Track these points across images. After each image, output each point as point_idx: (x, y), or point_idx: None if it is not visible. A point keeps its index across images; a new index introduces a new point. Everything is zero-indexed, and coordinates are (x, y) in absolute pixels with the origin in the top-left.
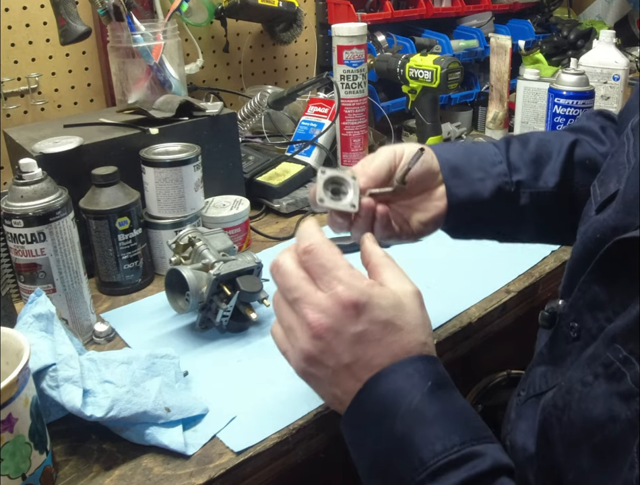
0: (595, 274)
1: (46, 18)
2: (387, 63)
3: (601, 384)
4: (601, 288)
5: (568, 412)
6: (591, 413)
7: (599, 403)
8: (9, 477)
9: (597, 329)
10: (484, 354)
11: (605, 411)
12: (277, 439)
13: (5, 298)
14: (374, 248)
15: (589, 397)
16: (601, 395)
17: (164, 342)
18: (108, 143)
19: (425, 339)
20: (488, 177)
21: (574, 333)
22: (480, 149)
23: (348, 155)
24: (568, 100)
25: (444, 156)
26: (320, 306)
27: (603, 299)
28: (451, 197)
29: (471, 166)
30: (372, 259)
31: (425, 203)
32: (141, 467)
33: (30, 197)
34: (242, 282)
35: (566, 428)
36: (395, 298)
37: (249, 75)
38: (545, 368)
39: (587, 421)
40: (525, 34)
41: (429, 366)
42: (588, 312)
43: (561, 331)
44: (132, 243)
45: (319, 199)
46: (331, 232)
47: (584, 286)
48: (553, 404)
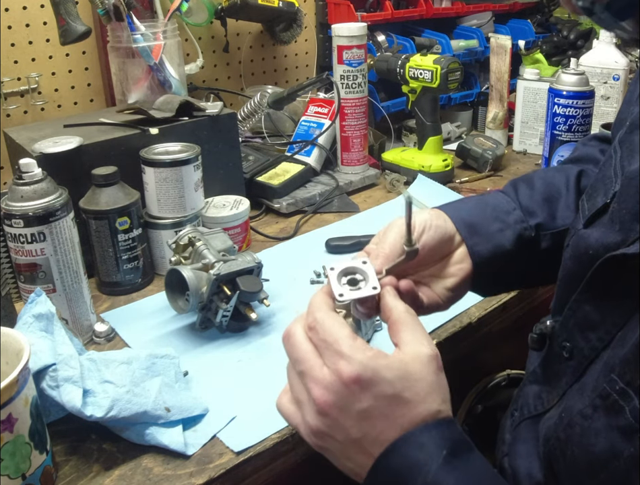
0: (586, 293)
1: (46, 18)
2: (387, 63)
3: (600, 418)
4: (593, 307)
5: (572, 447)
6: (594, 449)
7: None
8: (9, 477)
9: (589, 349)
10: (484, 354)
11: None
12: (277, 439)
13: (5, 298)
14: (395, 303)
15: (591, 432)
16: (602, 429)
17: (164, 342)
18: (108, 143)
19: (438, 406)
20: (507, 227)
21: (567, 353)
22: (490, 200)
23: (348, 155)
24: (568, 100)
25: (458, 215)
26: (324, 381)
27: (595, 318)
28: (474, 256)
29: (487, 219)
30: (393, 314)
31: (447, 269)
32: (141, 467)
33: (30, 197)
34: (242, 282)
35: (571, 463)
36: (403, 367)
37: (249, 75)
38: (539, 387)
39: (591, 457)
40: (525, 34)
41: (443, 432)
42: (579, 332)
43: (553, 351)
44: (132, 243)
45: (339, 295)
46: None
47: (575, 305)
48: (556, 437)
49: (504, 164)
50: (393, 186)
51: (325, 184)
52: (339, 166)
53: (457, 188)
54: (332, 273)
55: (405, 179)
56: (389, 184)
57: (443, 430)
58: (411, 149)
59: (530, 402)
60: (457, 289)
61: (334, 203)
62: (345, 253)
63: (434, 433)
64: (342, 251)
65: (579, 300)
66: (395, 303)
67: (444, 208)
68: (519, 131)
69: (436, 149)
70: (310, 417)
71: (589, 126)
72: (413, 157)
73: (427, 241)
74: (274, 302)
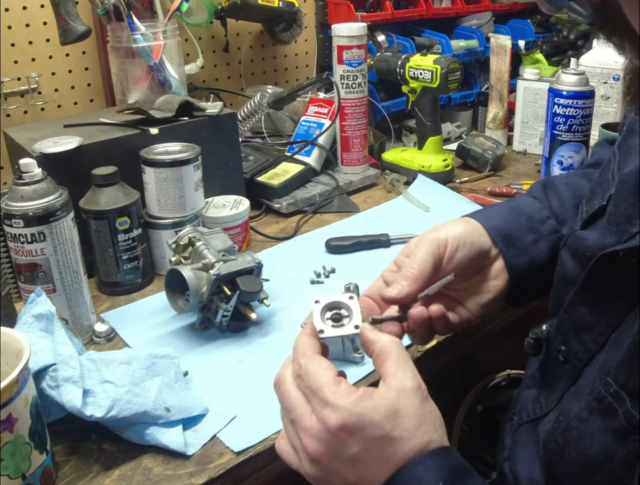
0: (581, 295)
1: (46, 18)
2: (387, 63)
3: (596, 421)
4: (587, 309)
5: (569, 451)
6: (589, 452)
7: (595, 441)
8: (9, 477)
9: (583, 352)
10: (484, 354)
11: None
12: None
13: (5, 298)
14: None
15: (586, 435)
16: (597, 432)
17: (164, 342)
18: (108, 143)
19: (429, 437)
20: (541, 238)
21: (562, 356)
22: (524, 207)
23: (348, 155)
24: (568, 100)
25: (492, 225)
26: (312, 430)
27: (589, 320)
28: (511, 269)
29: (522, 229)
30: (377, 347)
31: (482, 285)
32: (141, 467)
33: (30, 197)
34: (242, 282)
35: (569, 466)
36: (389, 406)
37: (249, 75)
38: (537, 391)
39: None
40: (525, 34)
41: (438, 462)
42: (574, 335)
43: (550, 355)
44: (132, 243)
45: (319, 331)
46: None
47: (570, 307)
48: (555, 440)
49: (504, 164)
50: (393, 186)
51: (325, 184)
52: (339, 166)
53: (457, 188)
54: (316, 306)
55: (405, 179)
56: (389, 184)
57: (438, 460)
58: (411, 149)
59: (529, 406)
60: (490, 305)
61: (334, 203)
62: (345, 253)
63: (429, 464)
64: (342, 251)
65: (574, 301)
66: (377, 336)
67: (478, 217)
68: (519, 131)
69: (436, 149)
70: (305, 464)
71: (589, 127)
72: (413, 157)
73: (461, 260)
74: (274, 302)
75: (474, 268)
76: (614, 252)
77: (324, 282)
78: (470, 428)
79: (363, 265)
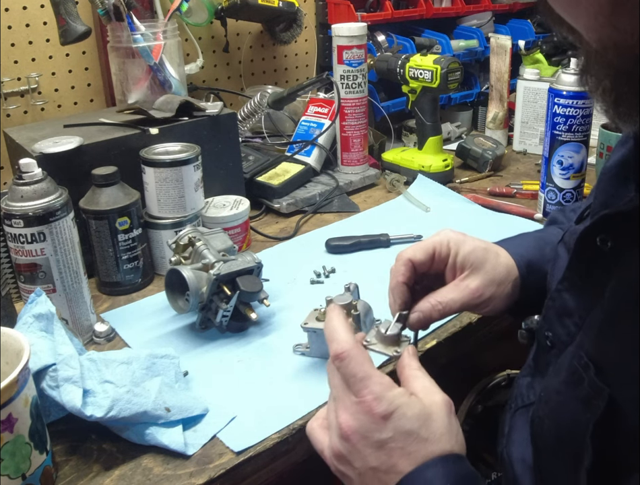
0: (566, 282)
1: (46, 18)
2: (387, 63)
3: (568, 391)
4: (570, 295)
5: (547, 421)
6: (561, 420)
7: (566, 410)
8: (9, 477)
9: (566, 335)
10: (484, 354)
11: (570, 416)
12: (277, 439)
13: (5, 298)
14: (410, 361)
15: (560, 405)
16: (569, 400)
17: (164, 342)
18: (108, 143)
19: (450, 448)
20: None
21: (550, 342)
22: (549, 236)
23: (348, 155)
24: (568, 99)
25: (518, 252)
26: (351, 409)
27: (571, 305)
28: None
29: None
30: (405, 370)
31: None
32: (141, 467)
33: (30, 197)
34: (242, 282)
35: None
36: (422, 408)
37: (249, 75)
38: (531, 379)
39: (559, 427)
40: (525, 34)
41: (448, 467)
42: (558, 320)
43: (540, 344)
44: (132, 243)
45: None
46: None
47: (555, 294)
48: (538, 415)
49: (504, 164)
50: (393, 186)
51: (325, 184)
52: (339, 166)
53: (457, 188)
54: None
55: (405, 179)
56: (389, 184)
57: (448, 466)
58: (411, 149)
59: (523, 392)
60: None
61: (334, 203)
62: (345, 253)
63: (439, 468)
64: (342, 251)
65: (559, 289)
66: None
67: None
68: (519, 131)
69: (436, 149)
70: (334, 440)
71: (589, 127)
72: (413, 157)
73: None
74: (274, 302)
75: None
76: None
77: (324, 282)
78: (470, 428)
79: (363, 265)
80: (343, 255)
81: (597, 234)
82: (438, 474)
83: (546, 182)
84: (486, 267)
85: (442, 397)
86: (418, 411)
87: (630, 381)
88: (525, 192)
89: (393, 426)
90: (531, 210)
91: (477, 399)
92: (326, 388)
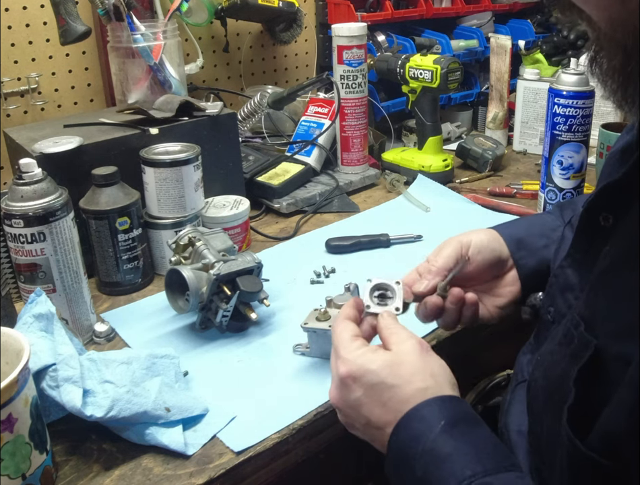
0: (569, 258)
1: (46, 18)
2: (387, 63)
3: (561, 351)
4: (573, 270)
5: (541, 381)
6: (552, 377)
7: (558, 367)
8: (9, 477)
9: (566, 308)
10: (484, 354)
11: (561, 371)
12: (277, 439)
13: (5, 298)
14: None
15: (553, 364)
16: (560, 359)
17: (164, 342)
18: (108, 143)
19: (425, 384)
20: (551, 242)
21: (551, 317)
22: (539, 219)
23: (348, 155)
24: (568, 99)
25: (507, 232)
26: (334, 379)
27: (573, 281)
28: (521, 269)
29: (534, 235)
30: (384, 331)
31: (498, 289)
32: (141, 467)
33: (30, 197)
34: (242, 282)
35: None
36: (387, 359)
37: (249, 75)
38: (531, 355)
39: (550, 383)
40: (525, 34)
41: (443, 405)
42: (560, 295)
43: (542, 320)
44: (132, 243)
45: (366, 306)
46: None
47: (558, 271)
48: (533, 378)
49: (504, 164)
50: (393, 186)
51: (325, 184)
52: (339, 166)
53: (457, 188)
54: (367, 284)
55: (405, 179)
56: (389, 184)
57: (443, 404)
58: (411, 149)
59: (524, 368)
60: (506, 308)
61: (334, 203)
62: (345, 253)
63: (434, 406)
64: (342, 251)
65: (562, 265)
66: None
67: (497, 228)
68: (519, 131)
69: (436, 149)
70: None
71: (589, 127)
72: (413, 157)
73: (481, 262)
74: (274, 302)
75: (492, 272)
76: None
77: (324, 282)
78: None
79: (363, 265)
80: (343, 255)
81: (600, 211)
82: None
83: (546, 182)
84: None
85: (413, 342)
86: (382, 362)
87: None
88: (525, 192)
89: (360, 384)
90: (531, 210)
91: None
92: (326, 388)
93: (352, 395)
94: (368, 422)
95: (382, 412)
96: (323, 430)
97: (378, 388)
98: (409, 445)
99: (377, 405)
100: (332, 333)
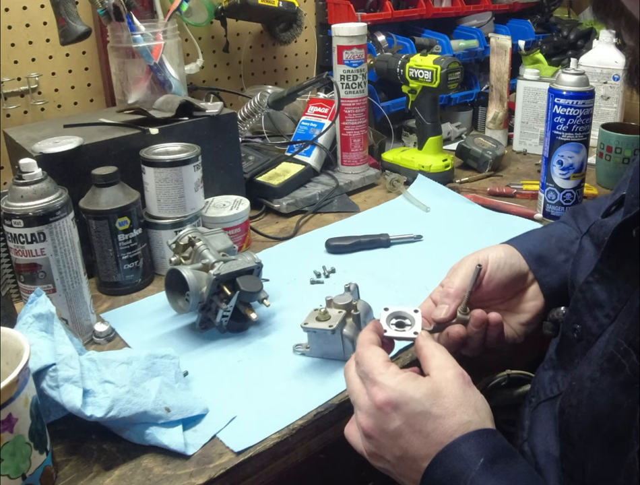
0: (597, 273)
1: (46, 18)
2: (387, 63)
3: (606, 378)
4: (601, 287)
5: (582, 409)
6: (598, 406)
7: (604, 396)
8: (9, 477)
9: (597, 327)
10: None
11: (609, 401)
12: (277, 439)
13: (5, 298)
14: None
15: (597, 391)
16: (606, 387)
17: (164, 342)
18: (108, 143)
19: (469, 418)
20: (571, 256)
21: (577, 334)
22: (554, 230)
23: (348, 155)
24: (568, 100)
25: (524, 247)
26: (365, 407)
27: (602, 297)
28: (544, 287)
29: (552, 249)
30: (423, 351)
31: (521, 305)
32: (141, 467)
33: (30, 197)
34: (242, 282)
35: (581, 423)
36: (430, 387)
37: (249, 75)
38: (554, 372)
39: (596, 413)
40: (525, 34)
41: (481, 441)
42: (588, 312)
43: (565, 336)
44: (132, 243)
45: (384, 330)
46: None
47: (585, 287)
48: (569, 404)
49: (504, 164)
50: (393, 186)
51: (325, 184)
52: (339, 166)
53: (457, 188)
54: (384, 313)
55: (405, 179)
56: (389, 184)
57: (482, 439)
58: (411, 149)
59: (546, 386)
60: (530, 324)
61: (334, 203)
62: (345, 253)
63: (472, 442)
64: (342, 251)
65: (589, 281)
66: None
67: (513, 243)
68: (519, 131)
69: (436, 149)
70: (362, 441)
71: (589, 127)
72: (413, 157)
73: (501, 279)
74: (274, 302)
75: (513, 289)
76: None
77: (324, 282)
78: None
79: (363, 265)
80: (343, 255)
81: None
82: (471, 448)
83: (546, 182)
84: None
85: (455, 372)
86: (426, 390)
87: None
88: (525, 192)
89: (402, 412)
90: (531, 210)
91: None
92: (326, 388)
93: (391, 423)
94: (404, 453)
95: (423, 444)
96: (323, 430)
97: (422, 417)
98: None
99: (419, 436)
100: (359, 359)
